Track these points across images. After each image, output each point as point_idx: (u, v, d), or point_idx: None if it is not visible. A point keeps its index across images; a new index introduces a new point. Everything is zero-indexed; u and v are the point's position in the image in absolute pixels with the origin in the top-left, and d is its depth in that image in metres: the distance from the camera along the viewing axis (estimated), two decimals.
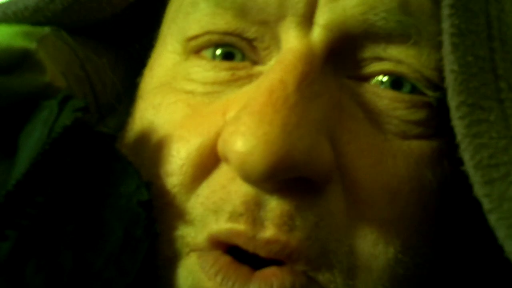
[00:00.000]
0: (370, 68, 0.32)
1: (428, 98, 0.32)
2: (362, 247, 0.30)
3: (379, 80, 0.32)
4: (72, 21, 0.38)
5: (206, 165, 0.31)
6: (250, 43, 0.33)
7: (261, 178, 0.28)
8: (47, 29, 0.37)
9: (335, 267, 0.30)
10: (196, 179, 0.31)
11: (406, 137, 0.31)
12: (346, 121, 0.31)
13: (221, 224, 0.30)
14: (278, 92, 0.29)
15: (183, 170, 0.31)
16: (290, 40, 0.31)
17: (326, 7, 0.31)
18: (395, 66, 0.31)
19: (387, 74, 0.32)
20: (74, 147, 0.31)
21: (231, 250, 0.30)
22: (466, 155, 0.28)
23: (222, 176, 0.31)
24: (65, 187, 0.31)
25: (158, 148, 0.33)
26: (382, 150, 0.31)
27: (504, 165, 0.28)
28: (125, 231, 0.30)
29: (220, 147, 0.30)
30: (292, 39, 0.31)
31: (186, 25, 0.34)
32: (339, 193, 0.30)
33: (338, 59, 0.31)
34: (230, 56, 0.33)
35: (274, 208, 0.29)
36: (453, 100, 0.29)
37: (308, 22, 0.31)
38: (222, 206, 0.30)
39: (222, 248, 0.30)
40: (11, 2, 0.39)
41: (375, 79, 0.32)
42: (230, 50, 0.33)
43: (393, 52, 0.31)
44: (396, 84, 0.32)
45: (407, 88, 0.32)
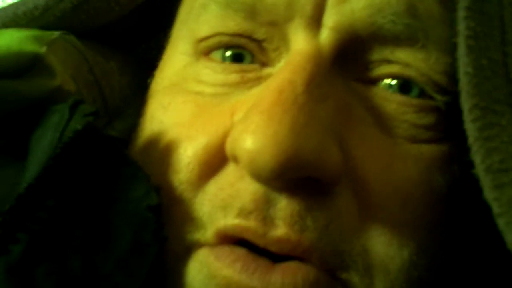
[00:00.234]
0: (378, 71, 0.32)
1: (436, 102, 0.32)
2: (377, 248, 0.30)
3: (387, 83, 0.32)
4: (81, 21, 0.39)
5: (213, 163, 0.31)
6: (260, 45, 0.33)
7: (271, 176, 0.28)
8: (57, 33, 0.38)
9: (351, 267, 0.30)
10: (203, 177, 0.31)
11: (416, 141, 0.31)
12: (354, 124, 0.31)
13: (229, 219, 0.30)
14: (287, 92, 0.29)
15: (190, 168, 0.31)
16: (298, 41, 0.31)
17: (334, 9, 0.31)
18: (403, 69, 0.31)
19: (395, 77, 0.32)
20: (84, 152, 0.31)
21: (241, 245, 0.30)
22: (477, 159, 0.28)
23: (230, 174, 0.31)
24: (75, 192, 0.31)
25: (166, 146, 0.33)
26: (392, 153, 0.31)
27: None
28: (134, 236, 0.30)
29: (229, 146, 0.30)
30: (300, 41, 0.31)
31: (196, 26, 0.35)
32: (349, 195, 0.30)
33: (345, 62, 0.32)
34: (240, 58, 0.33)
35: (284, 207, 0.29)
36: (466, 102, 0.29)
37: (316, 23, 0.31)
38: (231, 203, 0.30)
39: (232, 242, 0.30)
40: (21, 2, 0.39)
41: (383, 83, 0.32)
42: (240, 51, 0.33)
43: (401, 55, 0.31)
44: (404, 87, 0.32)
45: (415, 92, 0.32)
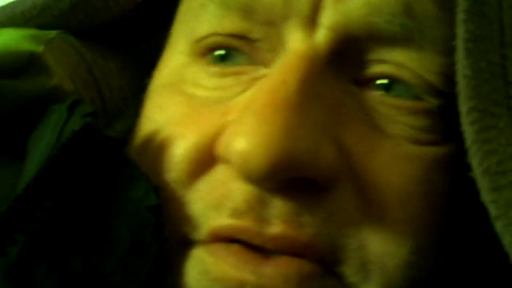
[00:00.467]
0: (372, 70, 0.32)
1: (431, 104, 0.32)
2: (374, 245, 0.30)
3: (381, 84, 0.32)
4: (79, 21, 0.39)
5: (204, 162, 0.31)
6: (255, 45, 0.33)
7: (263, 177, 0.28)
8: (54, 32, 0.37)
9: (346, 262, 0.30)
10: (193, 175, 0.31)
11: (418, 142, 0.31)
12: (351, 123, 0.31)
13: (222, 219, 0.30)
14: (280, 92, 0.29)
15: (181, 166, 0.31)
16: (294, 41, 0.31)
17: (331, 8, 0.31)
18: (397, 69, 0.31)
19: (387, 77, 0.32)
20: (83, 152, 0.31)
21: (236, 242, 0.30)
22: (474, 161, 0.28)
23: (221, 173, 0.31)
24: (74, 192, 0.31)
25: (159, 145, 0.33)
26: (392, 153, 0.31)
27: (511, 172, 0.28)
28: (134, 236, 0.30)
29: (221, 148, 0.30)
30: (296, 40, 0.31)
31: (195, 26, 0.35)
32: (349, 192, 0.30)
33: (342, 62, 0.31)
34: (235, 58, 0.33)
35: (279, 206, 0.29)
36: (464, 105, 0.29)
37: (313, 23, 0.31)
38: (223, 202, 0.30)
39: (226, 241, 0.30)
40: (19, 2, 0.39)
41: (377, 84, 0.32)
42: (235, 53, 0.33)
43: (396, 55, 0.31)
44: (396, 89, 0.32)
45: (408, 94, 0.32)
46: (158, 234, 0.30)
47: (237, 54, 0.33)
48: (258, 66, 0.33)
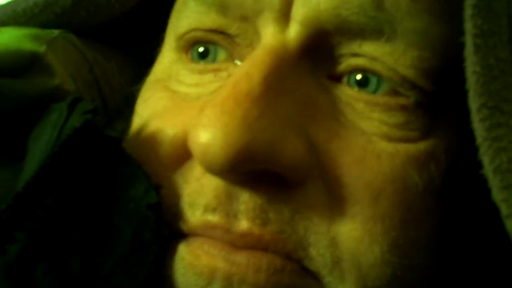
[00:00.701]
0: (345, 64, 0.31)
1: (406, 100, 0.31)
2: (347, 243, 0.30)
3: (353, 80, 0.32)
4: (81, 18, 0.39)
5: (179, 156, 0.31)
6: (234, 41, 0.33)
7: (222, 169, 0.28)
8: (56, 32, 0.38)
9: (318, 259, 0.30)
10: (169, 169, 0.31)
11: (391, 140, 0.31)
12: (324, 120, 0.31)
13: (197, 217, 0.30)
14: (241, 84, 0.29)
15: (156, 159, 0.32)
16: (266, 35, 0.31)
17: (301, 2, 0.31)
18: (369, 62, 0.31)
19: (361, 69, 0.31)
20: (83, 150, 0.31)
21: None
22: (485, 159, 0.28)
23: (195, 168, 0.31)
24: (74, 190, 0.31)
25: (142, 139, 0.33)
26: (365, 149, 0.31)
27: None
28: (134, 235, 0.30)
29: (187, 141, 0.30)
30: (268, 35, 0.31)
31: (178, 23, 0.35)
32: (320, 189, 0.30)
33: (315, 57, 0.31)
34: (215, 54, 0.34)
35: (246, 201, 0.29)
36: (474, 102, 0.28)
37: (284, 18, 0.31)
38: (197, 199, 0.30)
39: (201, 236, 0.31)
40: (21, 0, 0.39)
41: (350, 79, 0.32)
42: (215, 49, 0.34)
43: (368, 48, 0.31)
44: (369, 83, 0.31)
45: (382, 89, 0.31)
46: (158, 233, 0.30)
47: (217, 49, 0.34)
48: (236, 62, 0.33)
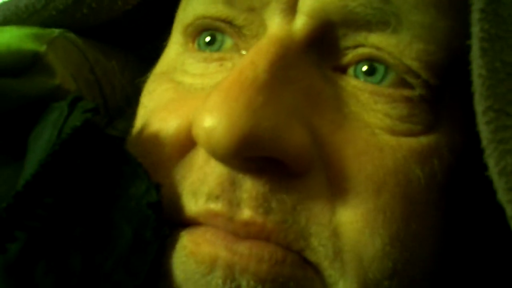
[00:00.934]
0: (351, 55, 0.32)
1: (409, 93, 0.31)
2: (348, 234, 0.30)
3: (359, 70, 0.32)
4: (83, 16, 0.39)
5: (184, 145, 0.32)
6: (240, 31, 0.33)
7: (226, 153, 0.28)
8: (57, 31, 0.38)
9: (319, 251, 0.30)
10: (173, 158, 0.32)
11: (394, 133, 0.31)
12: (327, 112, 0.31)
13: (199, 205, 0.30)
14: (247, 72, 0.29)
15: (161, 149, 0.32)
16: (272, 26, 0.31)
17: None
18: (375, 51, 0.31)
19: (367, 59, 0.32)
20: (83, 149, 0.31)
21: None
22: (490, 161, 0.28)
23: (199, 157, 0.31)
24: (74, 189, 0.31)
25: (146, 130, 0.33)
26: (368, 142, 0.31)
27: None
28: (134, 233, 0.30)
29: (192, 128, 0.30)
30: (274, 26, 0.31)
31: (185, 14, 0.35)
32: (322, 180, 0.30)
33: (320, 49, 0.32)
34: (222, 43, 0.34)
35: (249, 189, 0.29)
36: (479, 104, 0.29)
37: (291, 9, 0.31)
38: (200, 188, 0.30)
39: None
40: None
41: (355, 69, 0.32)
42: (222, 36, 0.34)
43: (373, 40, 0.31)
44: (374, 72, 0.32)
45: (387, 79, 0.32)
46: (159, 232, 0.30)
47: (224, 37, 0.34)
48: (242, 52, 0.33)
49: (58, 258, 0.29)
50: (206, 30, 0.34)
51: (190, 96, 0.33)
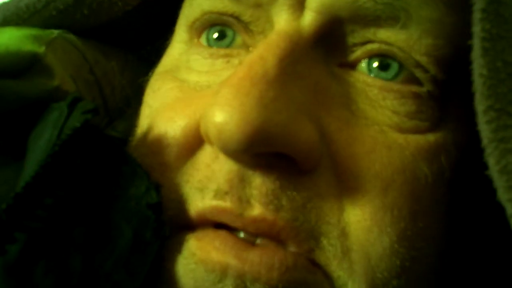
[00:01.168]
0: (360, 51, 0.32)
1: (418, 89, 0.32)
2: (356, 233, 0.30)
3: (368, 66, 0.32)
4: (83, 16, 0.39)
5: (191, 145, 0.31)
6: (246, 27, 0.33)
7: (238, 148, 0.28)
8: (56, 32, 0.38)
9: (328, 250, 0.30)
10: (180, 158, 0.31)
11: (402, 130, 0.31)
12: (335, 109, 0.31)
13: (206, 201, 0.30)
14: (256, 67, 0.29)
15: (168, 150, 0.32)
16: (280, 22, 0.32)
17: None
18: (385, 46, 0.31)
19: (376, 55, 0.32)
20: (83, 150, 0.31)
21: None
22: (491, 160, 0.28)
23: (206, 155, 0.31)
24: (74, 190, 0.31)
25: (151, 129, 0.33)
26: (376, 140, 0.31)
27: None
28: (134, 234, 0.30)
29: (201, 124, 0.30)
30: (282, 22, 0.31)
31: (190, 11, 0.35)
32: (330, 178, 0.30)
33: (328, 45, 0.32)
34: (230, 39, 0.34)
35: (259, 185, 0.29)
36: (481, 104, 0.29)
37: (300, 5, 0.31)
38: (207, 185, 0.30)
39: (210, 225, 0.30)
40: None
41: (365, 65, 0.32)
42: (233, 32, 0.34)
43: (382, 35, 0.31)
44: (385, 68, 0.32)
45: (398, 73, 0.32)
46: (159, 232, 0.30)
47: (235, 34, 0.34)
48: (249, 47, 0.33)
49: (58, 258, 0.29)
50: (214, 25, 0.34)
51: (196, 94, 0.33)
